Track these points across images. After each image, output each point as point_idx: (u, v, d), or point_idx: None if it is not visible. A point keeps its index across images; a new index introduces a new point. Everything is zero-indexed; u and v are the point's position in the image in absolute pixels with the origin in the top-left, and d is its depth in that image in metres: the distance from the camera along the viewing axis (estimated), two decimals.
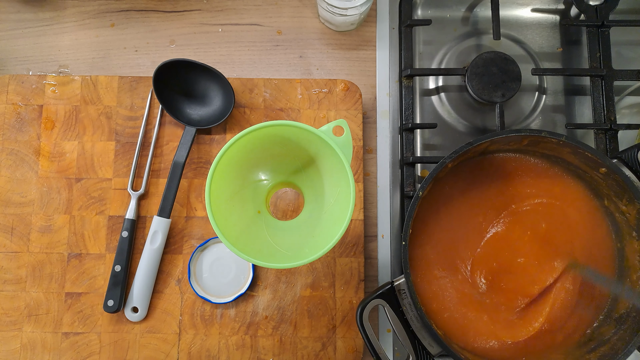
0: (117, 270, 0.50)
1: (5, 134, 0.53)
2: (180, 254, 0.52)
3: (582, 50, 0.57)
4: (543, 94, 0.57)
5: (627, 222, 0.44)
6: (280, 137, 0.42)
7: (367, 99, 0.57)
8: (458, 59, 0.57)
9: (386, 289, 0.42)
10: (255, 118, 0.54)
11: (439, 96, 0.57)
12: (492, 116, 0.56)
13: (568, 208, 0.47)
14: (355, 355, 0.51)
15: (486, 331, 0.45)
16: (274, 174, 0.48)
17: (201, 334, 0.51)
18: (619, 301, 0.44)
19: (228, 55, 0.57)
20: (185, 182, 0.53)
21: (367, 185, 0.55)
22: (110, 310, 0.49)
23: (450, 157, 0.42)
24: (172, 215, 0.52)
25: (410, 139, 0.55)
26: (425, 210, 0.47)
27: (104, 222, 0.52)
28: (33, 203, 0.52)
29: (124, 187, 0.53)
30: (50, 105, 0.54)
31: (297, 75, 0.57)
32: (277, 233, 0.46)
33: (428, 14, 0.58)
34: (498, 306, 0.46)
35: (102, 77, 0.54)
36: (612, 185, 0.44)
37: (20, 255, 0.52)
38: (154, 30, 0.58)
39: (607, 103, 0.54)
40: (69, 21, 0.58)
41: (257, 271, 0.52)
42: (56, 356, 0.50)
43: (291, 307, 0.51)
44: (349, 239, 0.52)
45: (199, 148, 0.54)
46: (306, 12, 0.58)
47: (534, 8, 0.58)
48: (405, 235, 0.41)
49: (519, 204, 0.47)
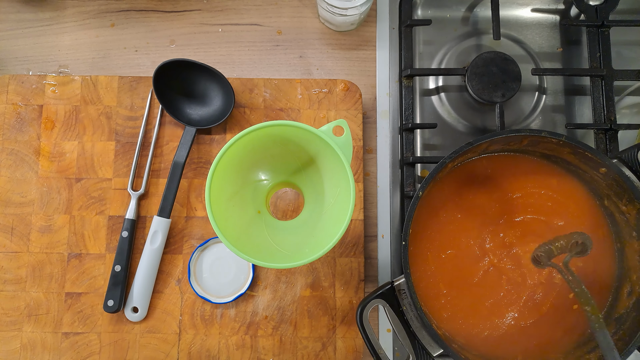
0: (117, 270, 0.50)
1: (5, 134, 0.53)
2: (180, 254, 0.52)
3: (582, 50, 0.57)
4: (543, 94, 0.57)
5: (627, 222, 0.44)
6: (280, 137, 0.42)
7: (367, 99, 0.57)
8: (458, 59, 0.57)
9: (386, 289, 0.42)
10: (255, 118, 0.54)
11: (439, 96, 0.57)
12: (492, 116, 0.56)
13: (568, 208, 0.47)
14: (355, 355, 0.51)
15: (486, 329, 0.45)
16: (274, 174, 0.48)
17: (201, 334, 0.51)
18: (619, 301, 0.44)
19: (228, 55, 0.57)
20: (185, 182, 0.53)
21: (367, 185, 0.55)
22: (111, 310, 0.49)
23: (450, 157, 0.42)
24: (172, 215, 0.52)
25: (410, 139, 0.55)
26: (426, 210, 0.47)
27: (104, 222, 0.52)
28: (33, 203, 0.52)
29: (124, 187, 0.53)
30: (50, 105, 0.54)
31: (297, 75, 0.57)
32: (277, 233, 0.46)
33: (428, 14, 0.58)
34: (498, 305, 0.46)
35: (102, 77, 0.54)
36: (612, 185, 0.44)
37: (20, 255, 0.52)
38: (154, 30, 0.58)
39: (607, 103, 0.54)
40: (69, 21, 0.58)
41: (257, 271, 0.52)
42: (56, 356, 0.50)
43: (291, 307, 0.51)
44: (349, 239, 0.52)
45: (199, 148, 0.54)
46: (306, 12, 0.58)
47: (534, 8, 0.58)
48: (405, 235, 0.41)
49: (518, 203, 0.47)
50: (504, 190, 0.48)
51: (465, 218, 0.47)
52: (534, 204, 0.47)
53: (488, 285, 0.46)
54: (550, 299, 0.46)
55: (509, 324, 0.45)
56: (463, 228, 0.47)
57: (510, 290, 0.46)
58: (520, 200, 0.47)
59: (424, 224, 0.47)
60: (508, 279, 0.46)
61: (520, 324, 0.45)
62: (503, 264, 0.46)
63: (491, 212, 0.47)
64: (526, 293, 0.46)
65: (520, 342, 0.45)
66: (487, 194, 0.48)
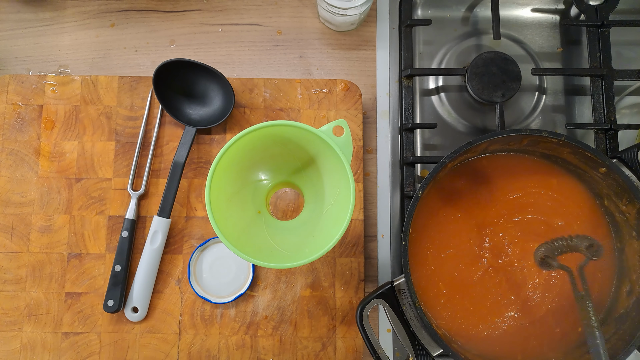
0: (117, 270, 0.50)
1: (5, 134, 0.53)
2: (180, 254, 0.52)
3: (582, 50, 0.57)
4: (543, 94, 0.57)
5: (627, 222, 0.44)
6: (280, 137, 0.42)
7: (367, 99, 0.57)
8: (458, 59, 0.57)
9: (386, 288, 0.42)
10: (255, 118, 0.54)
11: (439, 96, 0.57)
12: (492, 116, 0.56)
13: (567, 208, 0.47)
14: (355, 355, 0.51)
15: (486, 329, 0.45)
16: (274, 174, 0.48)
17: (201, 334, 0.51)
18: (619, 301, 0.44)
19: (228, 55, 0.57)
20: (185, 182, 0.53)
21: (367, 185, 0.55)
22: (111, 310, 0.49)
23: (450, 157, 0.42)
24: (172, 215, 0.52)
25: (410, 139, 0.55)
26: (426, 210, 0.47)
27: (104, 222, 0.52)
28: (33, 203, 0.52)
29: (124, 187, 0.53)
30: (50, 105, 0.54)
31: (297, 75, 0.57)
32: (277, 233, 0.46)
33: (428, 14, 0.58)
34: (498, 304, 0.46)
35: (102, 77, 0.54)
36: (611, 185, 0.44)
37: (20, 255, 0.52)
38: (154, 30, 0.58)
39: (607, 103, 0.54)
40: (69, 21, 0.58)
41: (257, 271, 0.52)
42: (56, 356, 0.50)
43: (291, 307, 0.51)
44: (349, 239, 0.52)
45: (199, 148, 0.54)
46: (306, 12, 0.58)
47: (534, 8, 0.58)
48: (405, 235, 0.41)
49: (518, 203, 0.47)
50: (503, 190, 0.48)
51: (465, 218, 0.47)
52: (534, 204, 0.47)
53: (488, 285, 0.46)
54: (550, 299, 0.46)
55: (508, 324, 0.45)
56: (463, 228, 0.47)
57: (510, 290, 0.46)
58: (520, 200, 0.47)
59: (424, 224, 0.47)
60: (508, 278, 0.46)
61: (519, 324, 0.45)
62: (503, 264, 0.46)
63: (491, 211, 0.47)
64: (526, 293, 0.46)
65: (520, 342, 0.45)
66: (486, 193, 0.48)
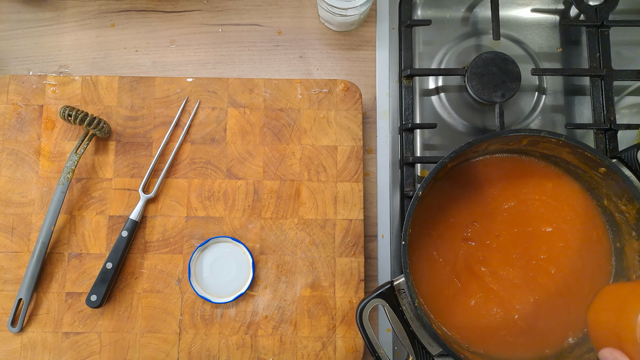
0: (108, 267, 0.50)
1: (6, 134, 0.53)
2: (180, 253, 0.52)
3: (582, 50, 0.57)
4: (543, 94, 0.57)
5: (626, 221, 0.44)
6: None
7: (367, 99, 0.57)
8: (458, 59, 0.57)
9: (386, 288, 0.42)
10: (255, 118, 0.54)
11: (438, 96, 0.57)
12: (492, 116, 0.56)
13: (566, 207, 0.47)
14: (355, 355, 0.51)
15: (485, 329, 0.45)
16: None
17: (201, 333, 0.51)
18: None
19: (228, 55, 0.58)
20: (185, 182, 0.53)
21: (367, 185, 0.55)
22: (93, 305, 0.49)
23: (450, 157, 0.42)
24: (173, 215, 0.52)
25: (410, 139, 0.55)
26: (425, 210, 0.47)
27: (104, 222, 0.52)
28: (33, 203, 0.52)
29: (124, 187, 0.53)
30: (50, 105, 0.54)
31: (297, 75, 0.57)
32: None
33: (428, 14, 0.58)
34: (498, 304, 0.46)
35: (102, 77, 0.54)
36: (611, 185, 0.44)
37: (20, 255, 0.52)
38: (154, 30, 0.58)
39: (606, 103, 0.54)
40: (69, 21, 0.58)
41: (257, 271, 0.52)
42: (56, 356, 0.50)
43: (291, 306, 0.51)
44: (349, 238, 0.52)
45: (199, 148, 0.54)
46: (306, 12, 0.58)
47: (533, 8, 0.58)
48: (405, 235, 0.41)
49: (517, 203, 0.47)
50: (503, 189, 0.48)
51: (465, 217, 0.47)
52: (533, 204, 0.47)
53: (488, 285, 0.46)
54: (550, 298, 0.46)
55: (508, 324, 0.45)
56: (462, 227, 0.47)
57: (510, 289, 0.46)
58: (519, 199, 0.47)
59: (424, 223, 0.47)
60: (507, 277, 0.46)
61: (519, 323, 0.45)
62: (502, 263, 0.46)
63: (490, 211, 0.47)
64: (526, 292, 0.46)
65: (520, 341, 0.45)
66: (486, 193, 0.48)
